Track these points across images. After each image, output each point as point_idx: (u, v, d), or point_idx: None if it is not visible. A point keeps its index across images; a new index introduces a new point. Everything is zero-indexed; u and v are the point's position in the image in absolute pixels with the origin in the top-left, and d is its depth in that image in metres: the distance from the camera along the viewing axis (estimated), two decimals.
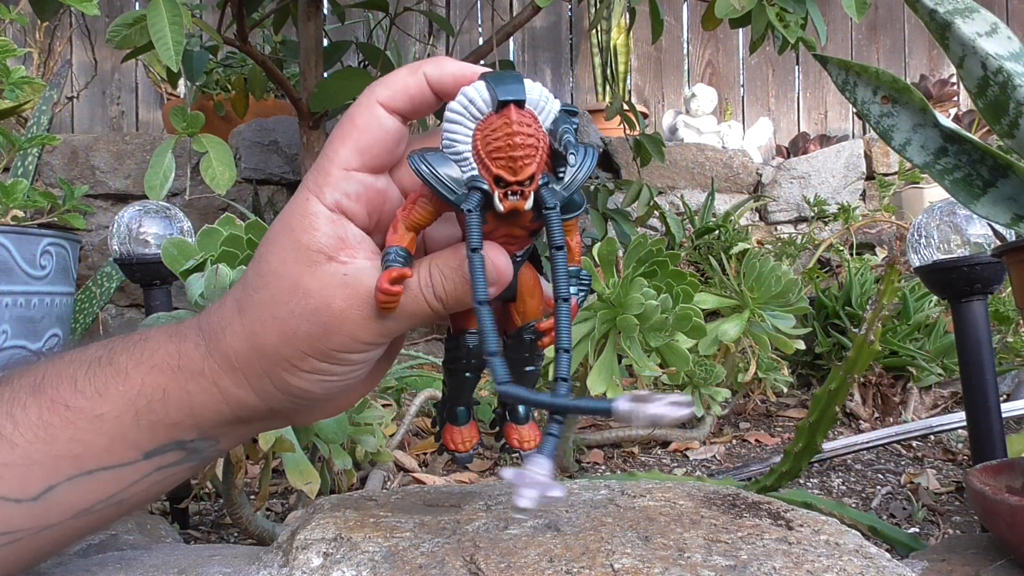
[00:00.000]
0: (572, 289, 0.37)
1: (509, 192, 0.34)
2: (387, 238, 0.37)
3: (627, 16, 2.57)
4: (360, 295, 0.36)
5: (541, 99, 0.35)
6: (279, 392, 0.38)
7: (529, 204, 0.34)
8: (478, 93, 0.34)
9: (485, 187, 0.34)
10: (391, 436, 1.02)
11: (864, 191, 2.56)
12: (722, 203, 2.39)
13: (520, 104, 0.34)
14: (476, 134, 0.34)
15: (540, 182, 0.34)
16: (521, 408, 0.39)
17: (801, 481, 1.01)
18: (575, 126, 0.35)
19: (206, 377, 0.38)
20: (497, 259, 0.35)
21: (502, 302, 0.39)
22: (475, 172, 0.34)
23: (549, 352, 0.38)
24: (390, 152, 0.38)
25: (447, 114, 0.35)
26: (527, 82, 0.34)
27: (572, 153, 0.34)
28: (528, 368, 0.40)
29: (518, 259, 0.37)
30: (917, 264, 0.82)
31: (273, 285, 0.37)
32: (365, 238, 0.37)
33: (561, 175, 0.35)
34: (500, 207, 0.34)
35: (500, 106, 0.34)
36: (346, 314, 0.36)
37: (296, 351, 0.37)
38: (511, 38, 2.59)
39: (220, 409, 0.38)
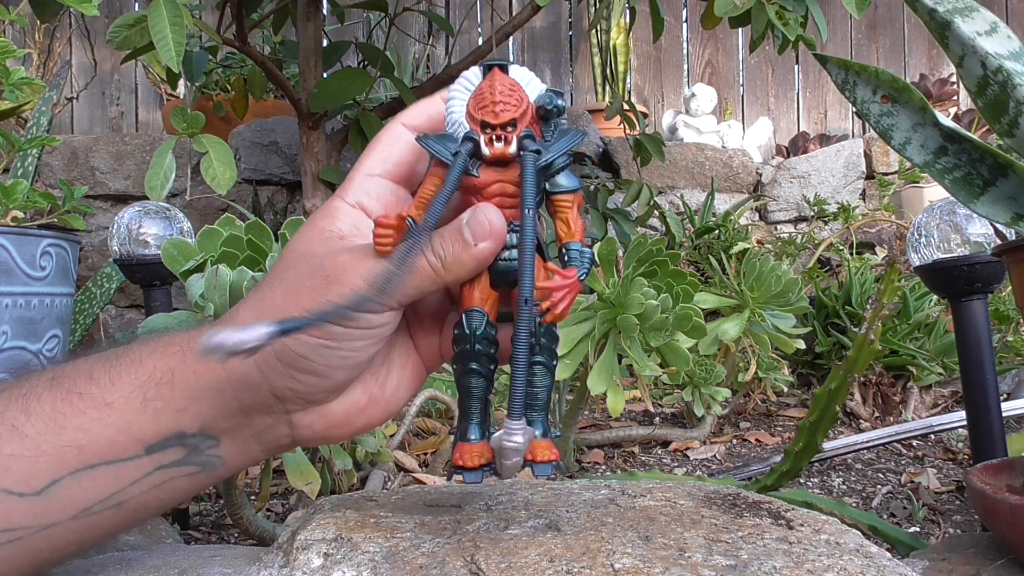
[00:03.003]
0: (575, 262, 0.39)
1: (494, 138, 0.38)
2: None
3: (627, 16, 2.57)
4: (363, 251, 0.38)
5: (525, 76, 0.39)
6: (280, 363, 0.38)
7: (512, 149, 0.38)
8: (472, 72, 0.40)
9: (474, 137, 0.38)
10: (391, 436, 1.02)
11: (864, 190, 2.56)
12: (722, 203, 2.39)
13: (504, 69, 0.39)
14: (469, 102, 0.39)
15: (523, 133, 0.38)
16: (538, 427, 0.39)
17: (801, 480, 1.01)
18: (560, 100, 0.39)
19: None
20: (490, 213, 0.38)
21: (508, 287, 0.39)
22: (467, 130, 0.38)
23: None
24: (410, 165, 0.42)
25: (448, 94, 0.40)
26: (515, 65, 0.39)
27: (553, 105, 0.38)
28: (537, 360, 0.39)
29: (516, 229, 0.39)
30: (917, 263, 0.82)
31: (288, 258, 0.40)
32: None
33: (548, 140, 0.39)
34: (486, 151, 0.38)
35: (486, 71, 0.39)
36: (348, 265, 0.38)
37: (299, 308, 0.38)
38: (510, 38, 2.59)
39: (223, 391, 0.39)
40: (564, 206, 0.39)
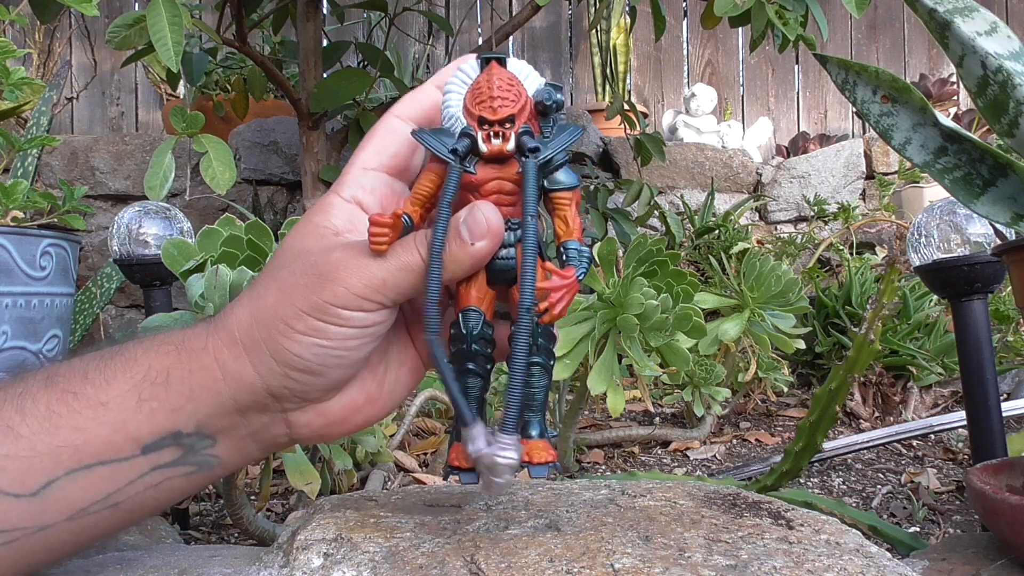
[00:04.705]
0: (573, 262, 0.38)
1: (492, 134, 0.37)
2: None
3: (627, 16, 2.57)
4: (357, 248, 0.38)
5: (524, 70, 0.39)
6: (275, 363, 0.38)
7: (511, 146, 0.37)
8: (469, 64, 0.39)
9: (472, 133, 0.37)
10: (391, 436, 1.02)
11: (864, 190, 2.56)
12: (722, 203, 2.39)
13: (502, 62, 0.38)
14: (466, 96, 0.38)
15: (522, 130, 0.37)
16: (535, 428, 0.39)
17: (801, 480, 1.01)
18: (559, 95, 0.38)
19: (208, 353, 0.39)
20: (487, 211, 0.37)
21: (505, 285, 0.39)
22: (465, 126, 0.38)
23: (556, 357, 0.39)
24: (405, 157, 0.42)
25: (444, 87, 0.39)
26: (512, 57, 0.39)
27: (552, 100, 0.38)
28: (535, 360, 0.39)
29: (513, 227, 0.38)
30: (917, 263, 0.82)
31: (282, 255, 0.40)
32: None
33: (547, 136, 0.38)
34: (483, 147, 0.37)
35: (483, 64, 0.38)
36: (341, 262, 0.37)
37: (293, 308, 0.37)
38: (510, 38, 2.59)
39: (218, 390, 0.39)
40: (563, 203, 0.38)
